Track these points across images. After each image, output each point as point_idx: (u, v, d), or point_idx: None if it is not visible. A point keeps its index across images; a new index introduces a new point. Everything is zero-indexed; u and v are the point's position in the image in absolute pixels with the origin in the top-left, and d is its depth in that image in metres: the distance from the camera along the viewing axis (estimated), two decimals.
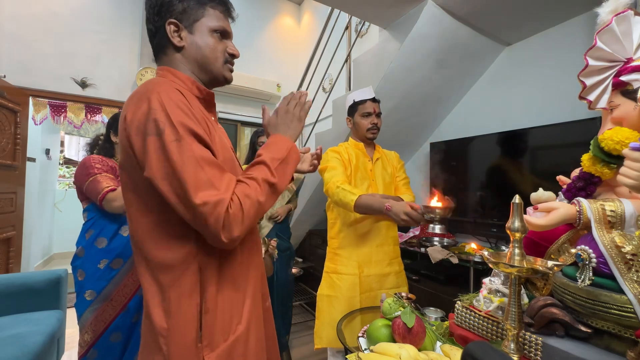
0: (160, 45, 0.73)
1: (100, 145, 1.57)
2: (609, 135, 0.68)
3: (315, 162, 0.99)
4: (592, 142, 0.73)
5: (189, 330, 0.62)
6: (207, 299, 0.65)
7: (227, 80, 0.79)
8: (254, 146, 2.14)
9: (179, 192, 0.58)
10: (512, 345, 0.63)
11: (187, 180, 0.57)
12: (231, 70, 0.79)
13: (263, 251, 1.67)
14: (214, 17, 0.74)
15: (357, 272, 1.41)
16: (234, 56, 0.78)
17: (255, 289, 0.75)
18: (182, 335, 0.62)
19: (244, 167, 2.38)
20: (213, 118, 0.77)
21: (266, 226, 2.11)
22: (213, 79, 0.77)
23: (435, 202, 1.12)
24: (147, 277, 0.66)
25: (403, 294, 1.01)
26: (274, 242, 1.75)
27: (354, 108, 1.51)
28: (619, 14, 0.74)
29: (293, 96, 0.78)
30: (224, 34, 0.76)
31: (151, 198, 0.63)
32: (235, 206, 0.60)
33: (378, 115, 1.50)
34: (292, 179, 0.85)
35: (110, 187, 1.35)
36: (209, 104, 0.77)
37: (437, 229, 1.09)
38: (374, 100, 1.49)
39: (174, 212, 0.61)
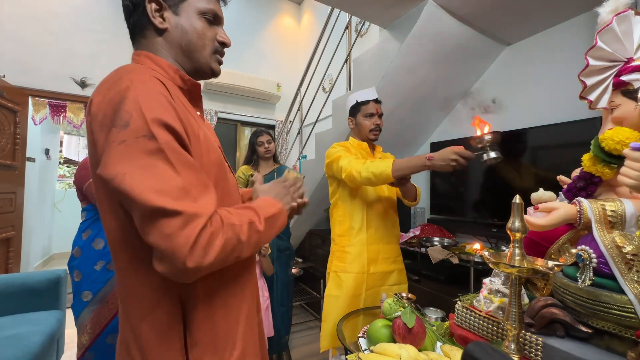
0: (138, 26, 0.62)
1: None
2: (610, 135, 0.68)
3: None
4: (592, 142, 0.73)
5: None
6: (192, 329, 0.55)
7: (215, 73, 0.69)
8: (253, 146, 2.13)
9: (132, 198, 0.45)
10: (513, 346, 0.63)
11: (148, 183, 0.45)
12: (220, 62, 0.69)
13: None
14: None
15: (365, 270, 1.41)
16: (224, 45, 0.68)
17: (250, 307, 0.65)
18: None
19: (244, 167, 2.35)
20: (199, 113, 0.68)
21: None
22: (198, 69, 0.66)
23: (481, 129, 1.03)
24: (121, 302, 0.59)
25: (403, 294, 1.01)
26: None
27: (356, 108, 1.51)
28: (620, 13, 0.74)
29: (295, 180, 0.76)
30: (215, 19, 0.66)
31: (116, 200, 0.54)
32: (216, 227, 0.49)
33: (380, 116, 1.50)
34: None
35: None
36: (193, 96, 0.67)
37: (493, 154, 1.01)
38: (376, 101, 1.49)
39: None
